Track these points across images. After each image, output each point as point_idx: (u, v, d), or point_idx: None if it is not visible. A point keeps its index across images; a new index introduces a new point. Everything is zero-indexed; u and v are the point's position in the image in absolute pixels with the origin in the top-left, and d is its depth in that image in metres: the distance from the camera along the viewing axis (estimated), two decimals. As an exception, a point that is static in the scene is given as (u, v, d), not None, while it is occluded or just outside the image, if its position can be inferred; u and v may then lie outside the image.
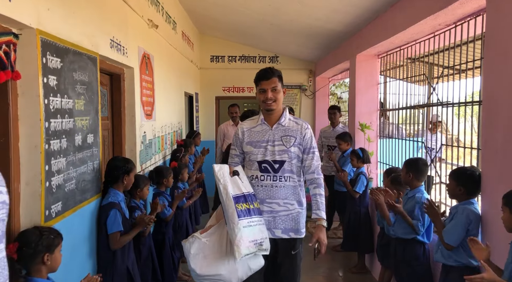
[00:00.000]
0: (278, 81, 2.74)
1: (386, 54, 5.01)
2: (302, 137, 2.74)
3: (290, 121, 2.80)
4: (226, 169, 2.68)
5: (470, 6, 2.90)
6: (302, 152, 2.75)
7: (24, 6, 2.04)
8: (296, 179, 2.75)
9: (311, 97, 8.70)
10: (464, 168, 2.76)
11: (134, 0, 3.74)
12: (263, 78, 2.76)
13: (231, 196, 2.54)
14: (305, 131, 2.75)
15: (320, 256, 2.80)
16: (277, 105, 2.75)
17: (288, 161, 2.71)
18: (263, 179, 2.73)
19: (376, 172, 5.28)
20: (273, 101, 2.70)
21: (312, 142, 2.76)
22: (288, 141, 2.71)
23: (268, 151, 2.72)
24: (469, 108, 3.33)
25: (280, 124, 2.76)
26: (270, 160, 2.71)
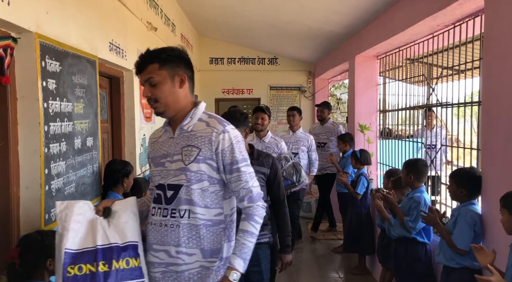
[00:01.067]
0: (160, 67, 1.77)
1: (385, 55, 5.01)
2: (213, 147, 1.77)
3: (201, 122, 1.84)
4: (76, 208, 1.76)
5: (468, 7, 2.90)
6: (222, 171, 1.80)
7: (22, 10, 2.03)
8: (202, 215, 1.77)
9: (311, 99, 8.70)
10: (464, 169, 2.76)
11: (133, 3, 3.74)
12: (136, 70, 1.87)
13: (64, 252, 1.67)
14: (218, 138, 1.77)
15: (321, 258, 2.82)
16: (164, 106, 1.81)
17: (186, 185, 1.77)
18: (153, 214, 1.85)
19: (376, 173, 5.28)
20: (154, 101, 1.80)
21: (235, 153, 1.78)
22: (188, 154, 1.78)
23: (165, 170, 1.84)
24: (468, 109, 3.33)
25: (182, 129, 1.83)
26: (165, 183, 1.82)
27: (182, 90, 1.81)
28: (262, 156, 2.73)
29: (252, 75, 8.56)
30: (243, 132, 2.55)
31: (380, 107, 5.41)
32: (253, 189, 1.81)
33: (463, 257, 2.57)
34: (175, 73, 1.78)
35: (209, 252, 1.77)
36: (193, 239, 1.76)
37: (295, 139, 5.21)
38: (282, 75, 8.63)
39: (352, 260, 4.93)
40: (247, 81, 8.61)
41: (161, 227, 1.79)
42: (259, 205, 1.81)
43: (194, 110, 1.84)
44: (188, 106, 1.85)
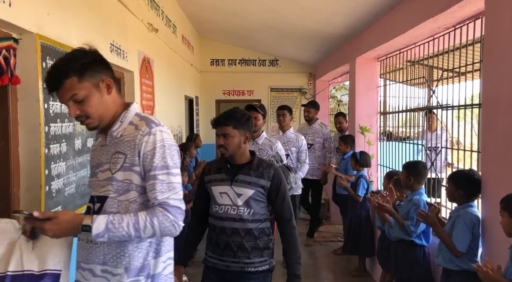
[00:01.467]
0: (80, 80, 1.54)
1: (386, 57, 5.01)
2: (136, 151, 1.57)
3: (131, 125, 1.63)
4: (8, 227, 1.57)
5: (469, 9, 2.90)
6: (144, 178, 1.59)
7: (24, 11, 2.04)
8: None
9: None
10: (463, 171, 2.76)
11: (134, 4, 3.75)
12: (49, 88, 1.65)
13: None
14: (142, 140, 1.56)
15: (321, 260, 2.76)
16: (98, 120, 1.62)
17: (112, 197, 1.59)
18: None
19: (377, 175, 5.27)
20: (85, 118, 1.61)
21: (154, 158, 1.55)
22: (115, 162, 1.60)
23: (96, 181, 1.68)
24: (469, 111, 3.33)
25: (112, 135, 1.64)
26: (95, 195, 1.66)
27: (111, 96, 1.61)
28: (263, 166, 2.35)
29: (253, 77, 8.58)
30: (242, 136, 2.30)
31: (381, 109, 5.41)
32: (170, 201, 1.53)
33: (462, 260, 2.57)
34: (99, 81, 1.57)
35: (134, 271, 1.57)
36: (118, 258, 1.57)
37: (286, 140, 4.83)
38: (282, 76, 8.64)
39: (352, 262, 4.92)
40: (248, 83, 8.62)
41: (87, 243, 1.60)
42: (170, 219, 1.52)
43: (124, 113, 1.65)
44: (119, 110, 1.66)
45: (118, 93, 1.67)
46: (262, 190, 2.31)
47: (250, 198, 2.29)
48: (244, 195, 2.29)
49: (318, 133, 5.70)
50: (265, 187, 2.31)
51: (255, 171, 2.32)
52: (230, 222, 2.30)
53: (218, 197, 2.34)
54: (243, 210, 2.29)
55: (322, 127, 5.77)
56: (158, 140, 1.56)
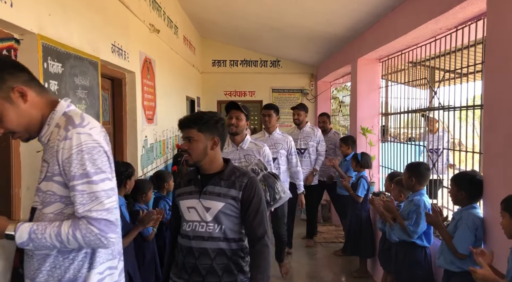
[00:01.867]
0: None
1: (387, 58, 5.01)
2: (55, 159, 1.46)
3: (56, 128, 1.50)
4: None
5: (470, 10, 2.90)
6: None
7: (25, 12, 2.05)
8: None
9: (313, 101, 8.70)
10: (465, 173, 2.75)
11: (135, 5, 3.76)
12: None
13: None
14: (59, 146, 1.44)
15: (322, 261, 2.74)
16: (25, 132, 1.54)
17: (39, 209, 1.52)
18: None
19: (378, 176, 5.27)
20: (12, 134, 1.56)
21: (71, 167, 1.42)
22: (41, 170, 1.54)
23: None
24: (471, 112, 3.33)
25: (41, 140, 1.56)
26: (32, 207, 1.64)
27: (29, 103, 1.45)
28: (236, 174, 2.06)
29: (255, 78, 8.58)
30: (209, 141, 2.03)
31: (382, 110, 5.40)
32: (93, 214, 1.40)
33: (463, 261, 2.56)
34: (8, 91, 1.41)
35: None
36: (48, 271, 1.47)
37: (273, 142, 4.42)
38: (284, 77, 8.64)
39: (353, 263, 4.91)
40: (250, 84, 8.63)
41: (26, 256, 1.53)
42: (94, 233, 1.40)
43: (51, 115, 1.50)
44: (46, 111, 1.50)
45: (39, 93, 1.49)
46: (234, 202, 2.01)
47: (220, 212, 2.00)
48: (213, 208, 2.00)
49: (310, 137, 5.39)
50: (236, 198, 2.01)
51: (226, 181, 2.04)
52: (198, 241, 2.02)
53: (186, 213, 2.07)
54: (213, 226, 2.00)
55: (314, 129, 5.46)
56: (75, 145, 1.41)
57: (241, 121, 3.30)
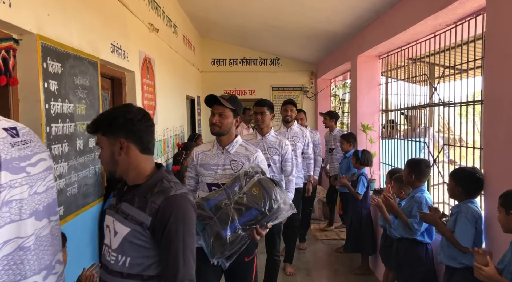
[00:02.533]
0: None
1: (387, 55, 5.01)
2: None
3: None
4: None
5: (470, 5, 2.89)
6: None
7: (24, 12, 2.05)
8: None
9: (313, 99, 8.70)
10: (464, 168, 2.75)
11: (134, 5, 3.76)
12: None
13: None
14: None
15: (324, 258, 2.66)
16: None
17: None
18: None
19: (379, 173, 5.26)
20: None
21: None
22: None
23: None
24: (471, 108, 3.32)
25: None
26: None
27: None
28: (153, 191, 1.54)
29: (254, 76, 8.58)
30: (114, 146, 1.56)
31: (383, 106, 5.40)
32: None
33: (464, 256, 2.56)
34: None
35: None
36: None
37: (266, 146, 3.75)
38: (284, 75, 8.64)
39: (355, 261, 4.91)
40: (249, 82, 8.62)
41: None
42: None
43: None
44: None
45: None
46: (141, 229, 1.51)
47: (125, 240, 1.52)
48: (119, 233, 1.55)
49: (298, 137, 4.73)
50: (144, 225, 1.50)
51: (141, 198, 1.55)
52: (104, 272, 1.61)
53: (106, 232, 1.65)
54: (116, 258, 1.55)
55: (302, 130, 4.81)
56: None
57: (226, 119, 2.57)
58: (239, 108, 2.61)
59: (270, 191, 2.26)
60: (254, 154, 2.59)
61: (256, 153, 2.61)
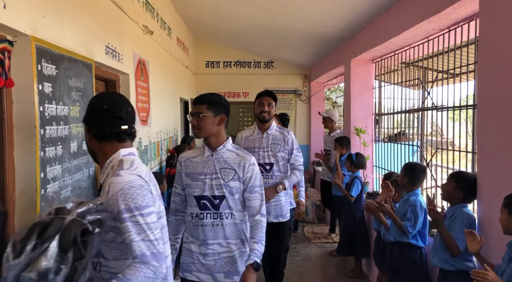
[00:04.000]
0: None
1: (381, 59, 5.04)
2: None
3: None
4: None
5: (463, 11, 2.92)
6: None
7: (18, 13, 2.03)
8: None
9: (306, 102, 8.72)
10: (467, 174, 2.76)
11: (129, 7, 3.75)
12: None
13: None
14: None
15: (317, 261, 2.63)
16: None
17: None
18: None
19: (372, 177, 5.29)
20: None
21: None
22: None
23: None
24: (463, 112, 3.36)
25: None
26: None
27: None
28: None
29: (248, 79, 8.59)
30: None
31: (376, 110, 5.43)
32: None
33: (458, 260, 2.58)
34: None
35: None
36: None
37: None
38: (278, 78, 8.66)
39: (348, 263, 4.93)
40: (243, 85, 8.63)
41: None
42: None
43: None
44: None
45: None
46: None
47: None
48: None
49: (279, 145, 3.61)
50: None
51: None
52: None
53: None
54: None
55: (283, 133, 3.64)
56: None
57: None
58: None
59: None
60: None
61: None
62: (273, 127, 3.60)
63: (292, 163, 3.59)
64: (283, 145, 3.55)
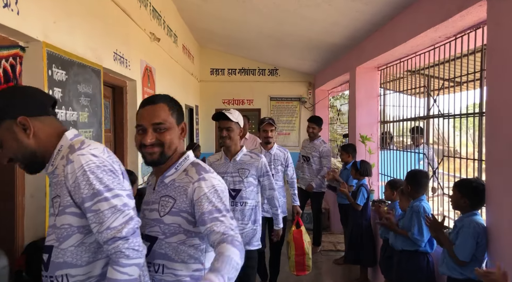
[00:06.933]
0: None
1: (386, 67, 5.05)
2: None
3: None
4: None
5: (470, 18, 2.93)
6: None
7: (31, 19, 2.05)
8: None
9: (311, 109, 8.73)
10: (469, 180, 2.75)
11: (137, 14, 3.78)
12: None
13: None
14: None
15: (323, 269, 2.62)
16: None
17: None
18: None
19: (378, 184, 5.27)
20: None
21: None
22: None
23: None
24: (468, 121, 3.36)
25: None
26: None
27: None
28: None
29: (253, 86, 8.62)
30: None
31: (381, 118, 5.43)
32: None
33: (466, 268, 2.56)
34: None
35: None
36: None
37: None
38: (282, 86, 8.68)
39: (354, 272, 4.89)
40: (248, 92, 8.66)
41: None
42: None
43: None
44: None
45: None
46: None
47: None
48: None
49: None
50: None
51: None
52: None
53: None
54: None
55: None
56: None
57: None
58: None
59: None
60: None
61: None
62: None
63: None
64: None
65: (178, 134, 1.63)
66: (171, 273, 1.54)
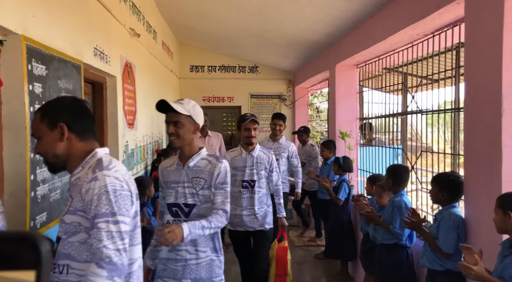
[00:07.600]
0: None
1: (365, 64, 5.12)
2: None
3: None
4: None
5: (448, 16, 3.00)
6: None
7: (9, 12, 2.00)
8: None
9: (291, 107, 8.78)
10: (446, 174, 2.83)
11: (117, 9, 3.72)
12: None
13: None
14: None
15: (303, 265, 2.63)
16: None
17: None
18: None
19: (357, 179, 5.35)
20: None
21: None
22: None
23: None
24: (441, 118, 3.45)
25: None
26: None
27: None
28: None
29: (233, 83, 8.60)
30: None
31: (361, 115, 5.51)
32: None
33: (446, 260, 2.63)
34: None
35: None
36: None
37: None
38: (262, 83, 8.69)
39: (334, 266, 4.96)
40: (228, 89, 8.64)
41: None
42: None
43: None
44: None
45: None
46: None
47: None
48: None
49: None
50: None
51: None
52: None
53: None
54: None
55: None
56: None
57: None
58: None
59: None
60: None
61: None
62: None
63: None
64: None
65: (58, 138, 1.59)
66: (74, 273, 1.52)
